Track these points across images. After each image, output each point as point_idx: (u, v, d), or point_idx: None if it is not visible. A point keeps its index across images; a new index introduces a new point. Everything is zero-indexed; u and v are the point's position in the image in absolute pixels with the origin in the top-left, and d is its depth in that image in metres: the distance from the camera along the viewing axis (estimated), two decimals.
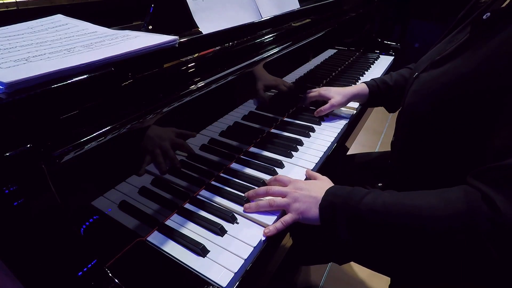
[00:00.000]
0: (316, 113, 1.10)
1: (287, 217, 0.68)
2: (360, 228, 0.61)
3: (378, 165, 1.11)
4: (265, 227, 0.67)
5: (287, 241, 0.78)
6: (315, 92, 1.14)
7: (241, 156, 0.90)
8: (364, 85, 1.13)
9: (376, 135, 2.81)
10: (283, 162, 0.87)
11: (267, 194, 0.72)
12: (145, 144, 0.65)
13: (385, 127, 2.92)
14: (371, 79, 1.16)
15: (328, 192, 0.67)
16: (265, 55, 0.89)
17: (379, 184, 1.00)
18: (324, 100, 1.13)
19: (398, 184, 0.86)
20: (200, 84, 0.69)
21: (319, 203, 0.66)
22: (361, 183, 1.07)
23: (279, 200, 0.70)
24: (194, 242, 0.62)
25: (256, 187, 0.76)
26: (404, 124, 0.82)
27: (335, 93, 1.10)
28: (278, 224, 0.67)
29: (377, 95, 1.12)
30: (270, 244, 0.67)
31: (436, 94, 0.68)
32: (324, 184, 0.73)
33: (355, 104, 1.19)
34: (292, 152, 0.91)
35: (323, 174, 0.91)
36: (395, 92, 1.09)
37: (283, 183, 0.74)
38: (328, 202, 0.65)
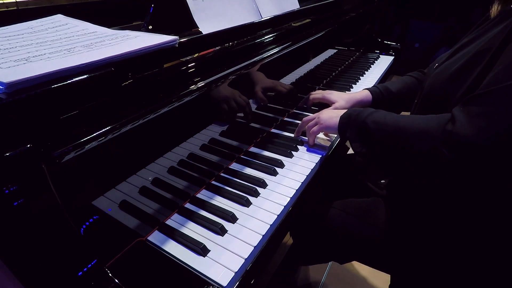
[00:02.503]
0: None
1: (315, 128, 0.91)
2: (362, 131, 0.77)
3: None
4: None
5: (288, 240, 0.78)
6: (319, 94, 1.13)
7: (242, 156, 0.90)
8: (368, 92, 1.12)
9: None
10: (284, 162, 0.87)
11: (303, 125, 0.96)
12: (146, 144, 0.65)
13: None
14: (374, 86, 1.15)
15: (349, 110, 0.85)
16: (265, 55, 0.89)
17: (381, 181, 1.00)
18: (326, 103, 1.12)
19: (402, 182, 0.86)
20: (200, 84, 0.69)
21: (340, 116, 0.85)
22: (362, 182, 1.07)
23: (314, 128, 0.92)
24: (194, 241, 0.62)
25: (256, 187, 0.76)
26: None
27: (338, 98, 1.10)
28: (310, 137, 0.93)
29: (380, 102, 1.11)
30: (270, 243, 0.67)
31: (453, 74, 0.72)
32: (343, 110, 0.88)
33: None
34: (293, 152, 0.91)
35: (323, 173, 0.91)
36: (398, 100, 1.09)
37: (312, 117, 0.94)
38: (346, 114, 0.84)
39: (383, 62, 1.70)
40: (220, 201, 0.74)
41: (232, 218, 0.68)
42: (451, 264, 0.73)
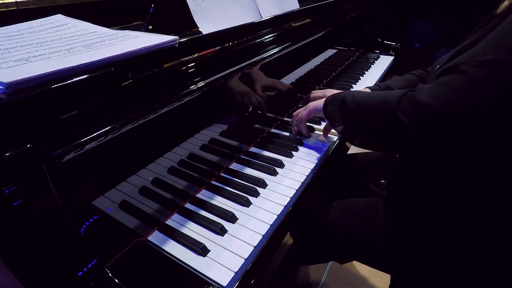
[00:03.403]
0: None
1: (304, 112, 0.95)
2: (341, 106, 0.80)
3: (379, 164, 1.11)
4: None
5: (288, 240, 0.78)
6: (319, 93, 1.12)
7: (241, 156, 0.90)
8: (368, 90, 1.11)
9: None
10: (284, 162, 0.87)
11: (295, 117, 0.99)
12: (146, 144, 0.65)
13: None
14: (375, 84, 1.14)
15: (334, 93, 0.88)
16: (265, 55, 0.89)
17: (381, 181, 1.00)
18: None
19: (402, 182, 0.86)
20: (200, 84, 0.69)
21: (326, 97, 0.89)
22: (362, 182, 1.07)
23: (302, 113, 0.96)
24: (194, 241, 0.62)
25: (256, 187, 0.76)
26: None
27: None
28: (299, 123, 0.97)
29: None
30: (270, 243, 0.67)
31: None
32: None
33: None
34: (293, 152, 0.91)
35: (323, 174, 0.91)
36: None
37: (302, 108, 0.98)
38: (332, 95, 0.87)
39: (383, 62, 1.70)
40: (220, 201, 0.74)
41: (232, 218, 0.68)
42: (451, 264, 0.73)
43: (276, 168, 0.84)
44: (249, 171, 0.84)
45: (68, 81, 0.48)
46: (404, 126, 0.62)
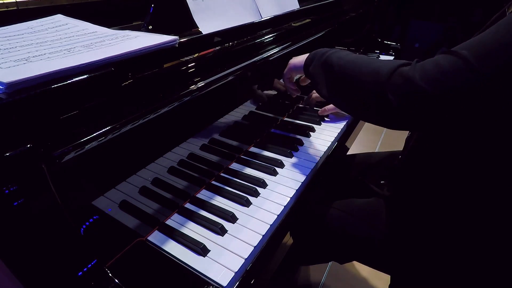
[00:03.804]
0: (320, 112, 1.10)
1: (285, 71, 0.93)
2: (324, 66, 0.76)
3: (379, 165, 1.10)
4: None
5: (288, 240, 0.78)
6: None
7: (242, 156, 0.90)
8: None
9: (376, 135, 2.81)
10: (284, 162, 0.87)
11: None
12: (146, 144, 0.65)
13: (384, 129, 2.91)
14: None
15: (316, 50, 0.83)
16: (265, 55, 0.89)
17: (381, 182, 1.00)
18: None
19: (405, 183, 0.86)
20: (200, 84, 0.69)
21: (307, 55, 0.84)
22: (362, 182, 1.07)
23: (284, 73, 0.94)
24: (194, 241, 0.62)
25: (256, 187, 0.76)
26: None
27: None
28: (287, 84, 0.97)
29: None
30: (270, 243, 0.67)
31: None
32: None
33: None
34: (293, 152, 0.91)
35: (323, 174, 0.91)
36: None
37: None
38: (313, 52, 0.83)
39: None
40: (220, 201, 0.74)
41: (232, 218, 0.68)
42: (452, 265, 0.73)
43: (276, 168, 0.84)
44: (249, 171, 0.84)
45: (68, 81, 0.48)
46: (390, 104, 0.58)
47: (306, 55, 0.85)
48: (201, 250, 0.60)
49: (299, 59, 0.87)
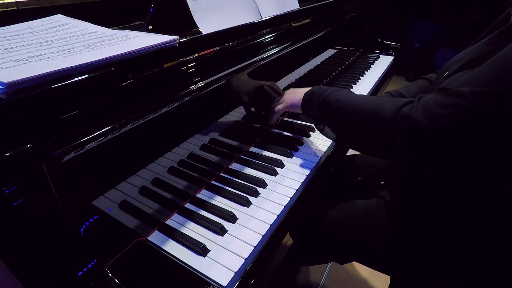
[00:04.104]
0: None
1: (279, 106, 0.93)
2: (324, 108, 0.78)
3: (379, 165, 1.10)
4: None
5: (287, 240, 0.78)
6: None
7: (242, 156, 0.90)
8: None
9: None
10: (284, 162, 0.87)
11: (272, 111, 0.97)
12: (146, 144, 0.65)
13: None
14: (387, 93, 1.08)
15: (312, 88, 0.86)
16: (265, 55, 0.89)
17: (381, 182, 1.00)
18: None
19: (402, 184, 0.86)
20: (200, 84, 0.69)
21: (304, 93, 0.86)
22: (362, 183, 1.07)
23: (278, 106, 0.94)
24: (194, 241, 0.62)
25: (256, 187, 0.76)
26: None
27: None
28: (274, 114, 0.95)
29: None
30: (270, 243, 0.67)
31: None
32: (307, 88, 0.89)
33: None
34: (293, 152, 0.91)
35: (323, 174, 0.91)
36: None
37: (278, 99, 0.97)
38: (310, 91, 0.84)
39: (383, 62, 1.70)
40: (220, 201, 0.74)
41: (232, 218, 0.68)
42: (452, 266, 0.73)
43: (276, 168, 0.84)
44: (249, 171, 0.84)
45: (68, 81, 0.48)
46: (396, 144, 0.61)
47: (303, 91, 0.86)
48: (201, 250, 0.60)
49: (297, 97, 0.87)
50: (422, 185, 0.78)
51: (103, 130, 0.51)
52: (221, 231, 0.65)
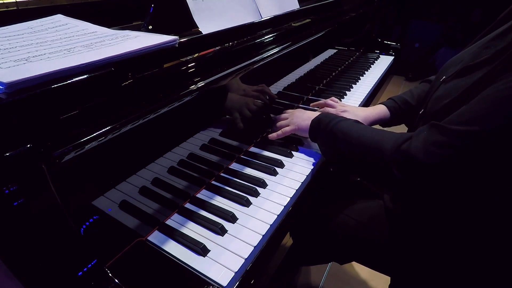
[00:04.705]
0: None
1: (287, 128, 0.93)
2: (330, 139, 0.80)
3: None
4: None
5: (287, 241, 0.78)
6: (332, 110, 1.02)
7: (242, 156, 0.90)
8: (385, 109, 1.03)
9: None
10: (284, 162, 0.87)
11: (278, 127, 0.97)
12: (146, 144, 0.65)
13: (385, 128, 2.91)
14: (390, 99, 1.06)
15: (320, 114, 0.88)
16: (265, 55, 0.89)
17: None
18: None
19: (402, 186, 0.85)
20: (200, 84, 0.69)
21: (312, 119, 0.88)
22: (362, 183, 1.07)
23: (286, 128, 0.94)
24: (194, 241, 0.62)
25: (256, 187, 0.76)
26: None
27: (352, 115, 0.98)
28: (279, 132, 0.94)
29: (399, 117, 1.04)
30: (270, 243, 0.67)
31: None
32: (316, 113, 0.93)
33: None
34: (293, 152, 0.91)
35: (322, 173, 0.91)
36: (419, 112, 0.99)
37: (285, 117, 0.98)
38: (317, 119, 0.87)
39: (383, 62, 1.70)
40: (220, 201, 0.74)
41: (232, 218, 0.68)
42: (452, 268, 0.73)
43: (276, 168, 0.84)
44: (249, 171, 0.84)
45: (68, 81, 0.48)
46: (395, 177, 0.65)
47: (311, 116, 0.89)
48: (201, 250, 0.60)
49: (305, 123, 0.89)
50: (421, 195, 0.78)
51: (103, 130, 0.51)
52: (221, 231, 0.65)
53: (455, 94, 0.68)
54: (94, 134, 0.50)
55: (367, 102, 1.35)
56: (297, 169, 0.85)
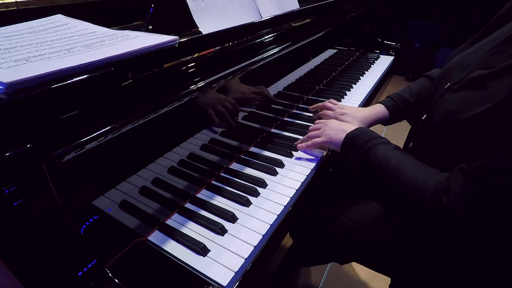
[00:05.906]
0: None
1: (318, 139, 0.88)
2: (363, 163, 0.76)
3: None
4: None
5: (287, 241, 0.78)
6: (331, 113, 1.02)
7: (242, 156, 0.90)
8: (383, 108, 1.02)
9: None
10: (284, 162, 0.87)
11: (309, 137, 0.91)
12: (146, 144, 0.65)
13: (385, 128, 2.91)
14: (389, 98, 1.05)
15: (357, 129, 0.83)
16: (265, 55, 0.89)
17: None
18: None
19: None
20: (200, 84, 0.69)
21: (347, 133, 0.82)
22: (362, 183, 1.07)
23: (317, 138, 0.89)
24: (194, 241, 0.62)
25: (256, 187, 0.76)
26: (431, 139, 0.75)
27: (352, 119, 0.98)
28: (309, 143, 0.89)
29: (398, 115, 1.04)
30: (270, 243, 0.67)
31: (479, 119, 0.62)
32: (351, 126, 0.86)
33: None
34: (293, 152, 0.91)
35: (323, 173, 0.91)
36: (418, 109, 0.96)
37: (318, 127, 0.93)
38: (351, 135, 0.81)
39: (383, 62, 1.70)
40: (220, 201, 0.74)
41: (232, 218, 0.68)
42: (452, 269, 0.73)
43: (276, 168, 0.84)
44: (249, 171, 0.84)
45: (68, 81, 0.48)
46: (428, 226, 0.64)
47: (346, 130, 0.83)
48: (201, 250, 0.60)
49: (339, 136, 0.83)
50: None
51: (103, 130, 0.51)
52: (221, 231, 0.65)
53: (472, 111, 0.62)
54: (94, 134, 0.50)
55: (367, 102, 1.35)
56: (297, 169, 0.85)
